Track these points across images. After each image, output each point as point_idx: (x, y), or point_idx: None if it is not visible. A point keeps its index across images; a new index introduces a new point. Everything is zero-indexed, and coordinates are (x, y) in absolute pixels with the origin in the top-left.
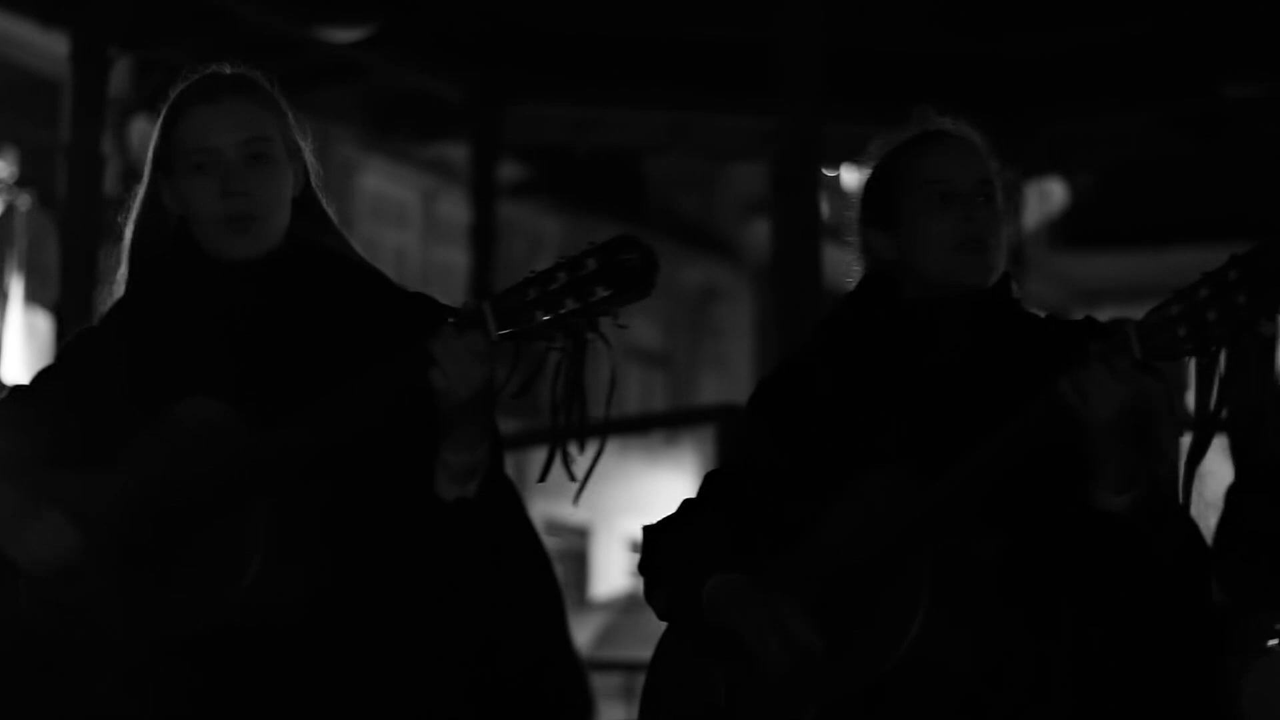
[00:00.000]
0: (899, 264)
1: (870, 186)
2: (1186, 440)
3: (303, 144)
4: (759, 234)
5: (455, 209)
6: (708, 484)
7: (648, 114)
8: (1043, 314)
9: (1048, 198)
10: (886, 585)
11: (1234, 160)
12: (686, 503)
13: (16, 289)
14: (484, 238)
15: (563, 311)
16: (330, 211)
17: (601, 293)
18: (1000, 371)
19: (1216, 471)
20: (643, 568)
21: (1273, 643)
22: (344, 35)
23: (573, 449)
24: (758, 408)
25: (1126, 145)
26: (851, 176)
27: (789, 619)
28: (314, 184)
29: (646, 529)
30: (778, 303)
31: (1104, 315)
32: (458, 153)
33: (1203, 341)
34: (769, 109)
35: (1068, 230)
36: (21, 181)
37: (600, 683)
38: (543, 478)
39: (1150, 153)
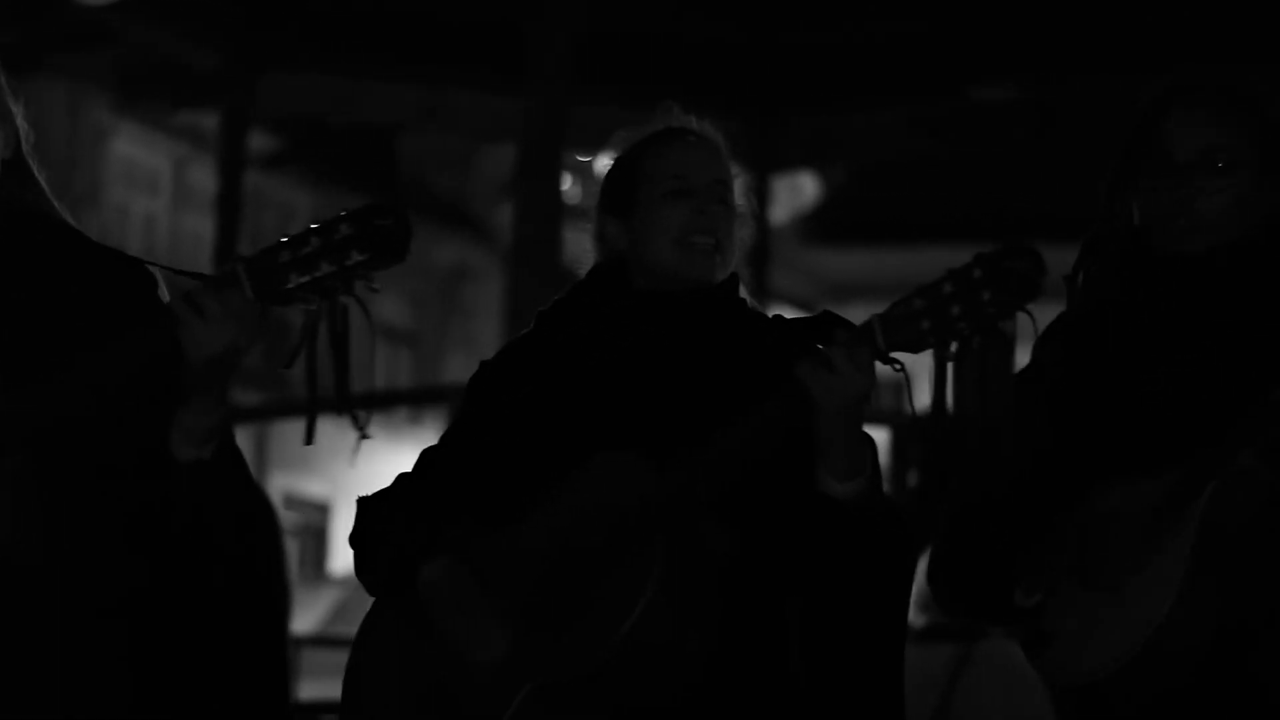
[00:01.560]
0: (631, 255)
1: (611, 176)
2: None
3: (14, 107)
4: (510, 215)
5: (207, 177)
6: (422, 460)
7: (401, 90)
8: (770, 314)
9: (799, 192)
10: (611, 570)
11: (981, 161)
12: (401, 477)
13: None
14: (231, 207)
15: (318, 274)
16: (40, 176)
17: (357, 256)
18: (721, 366)
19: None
20: (354, 540)
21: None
22: None
23: (358, 415)
24: (472, 388)
25: (876, 143)
26: (604, 163)
27: (493, 630)
28: (24, 148)
29: (360, 501)
30: (519, 284)
31: (853, 310)
32: (211, 120)
33: (946, 336)
34: (521, 91)
35: (819, 225)
36: None
37: (336, 659)
38: (309, 440)
39: (899, 151)
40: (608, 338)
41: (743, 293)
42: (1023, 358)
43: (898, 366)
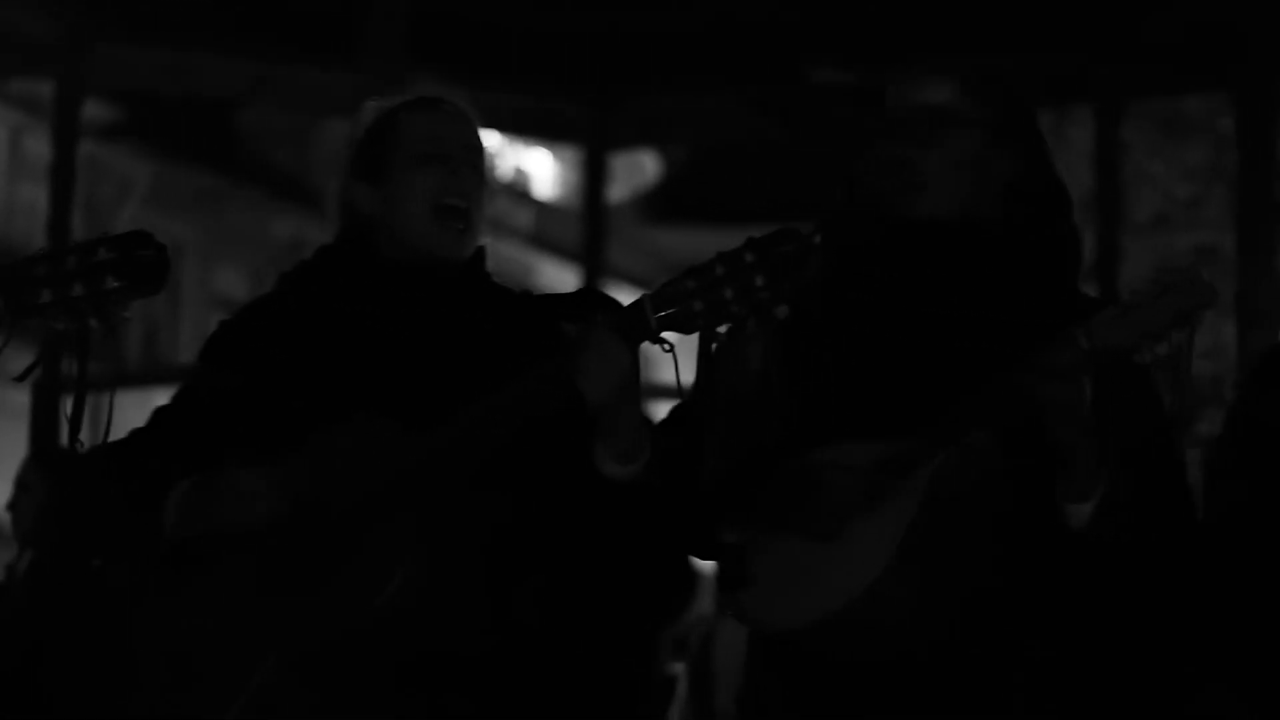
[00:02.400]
0: (380, 222)
1: (362, 142)
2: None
3: None
4: None
5: (43, 147)
6: (155, 418)
7: (234, 63)
8: (517, 290)
9: (639, 170)
10: (362, 538)
11: (820, 143)
12: (134, 432)
13: None
14: (64, 178)
15: (70, 294)
16: None
17: (111, 283)
18: (474, 340)
19: None
20: None
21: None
22: None
23: (80, 444)
24: (212, 347)
25: (715, 124)
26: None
27: (259, 486)
28: None
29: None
30: None
31: None
32: (47, 89)
33: (717, 317)
34: (356, 67)
35: (659, 204)
36: None
37: None
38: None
39: (736, 133)
40: (359, 306)
41: (489, 266)
42: None
43: (667, 346)
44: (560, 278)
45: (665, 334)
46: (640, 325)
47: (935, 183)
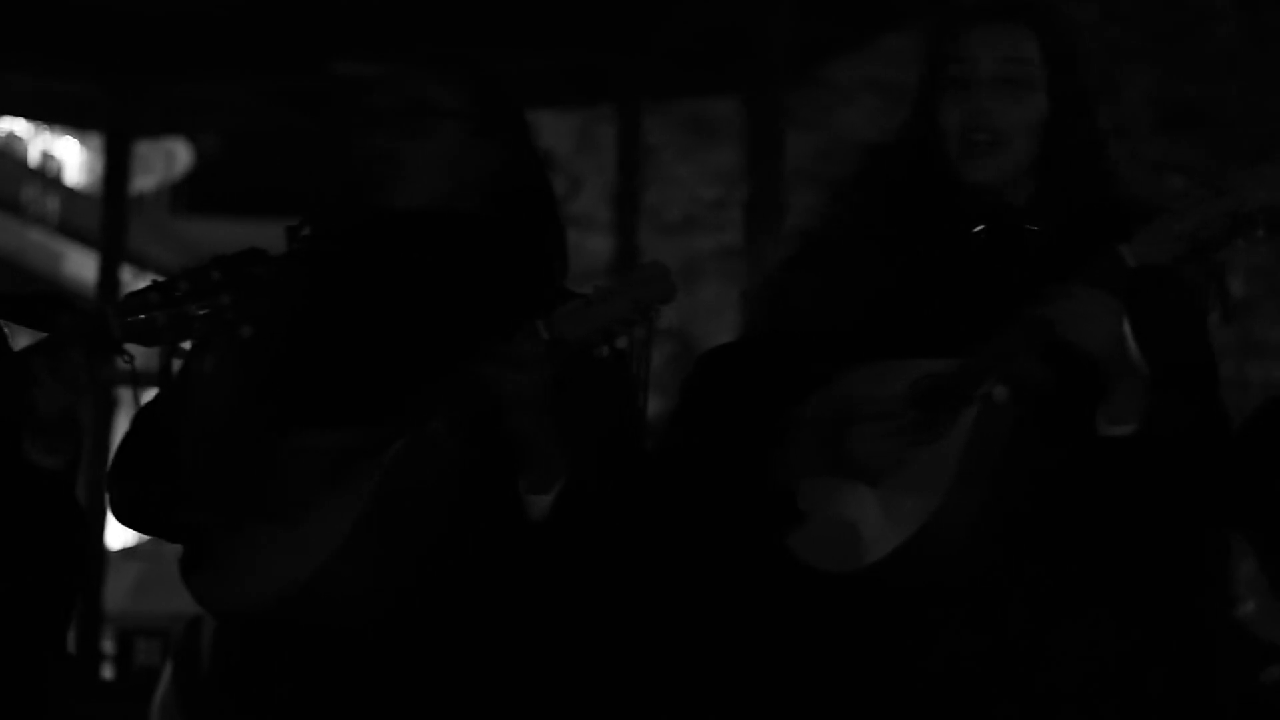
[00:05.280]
0: None
1: None
2: None
3: None
4: None
5: None
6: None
7: None
8: None
9: (171, 159)
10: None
11: (348, 135)
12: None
13: None
14: None
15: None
16: None
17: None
18: None
19: None
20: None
21: None
22: None
23: None
24: None
25: (239, 114)
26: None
27: None
28: None
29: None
30: None
31: None
32: None
33: (180, 334)
34: None
35: (189, 193)
36: None
37: None
38: None
39: (263, 123)
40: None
41: None
42: None
43: (127, 359)
44: (87, 265)
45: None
46: (102, 335)
47: (415, 174)
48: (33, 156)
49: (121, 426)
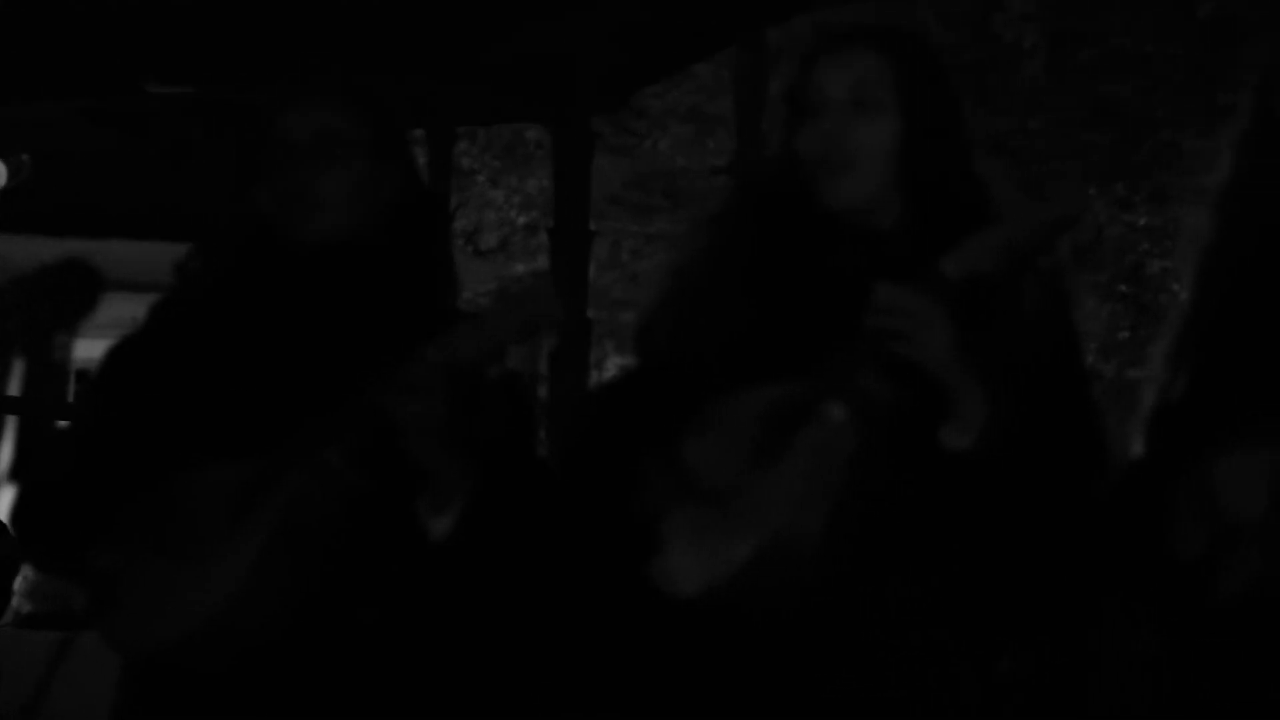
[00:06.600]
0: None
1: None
2: None
3: None
4: None
5: None
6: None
7: None
8: None
9: None
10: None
11: (163, 157)
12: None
13: None
14: None
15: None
16: None
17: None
18: None
19: None
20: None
21: None
22: None
23: None
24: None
25: (48, 133)
26: None
27: None
28: None
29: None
30: None
31: None
32: None
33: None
34: None
35: (2, 213)
36: None
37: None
38: None
39: (72, 142)
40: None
41: None
42: None
43: None
44: None
45: None
46: None
47: (328, 206)
48: None
49: None
